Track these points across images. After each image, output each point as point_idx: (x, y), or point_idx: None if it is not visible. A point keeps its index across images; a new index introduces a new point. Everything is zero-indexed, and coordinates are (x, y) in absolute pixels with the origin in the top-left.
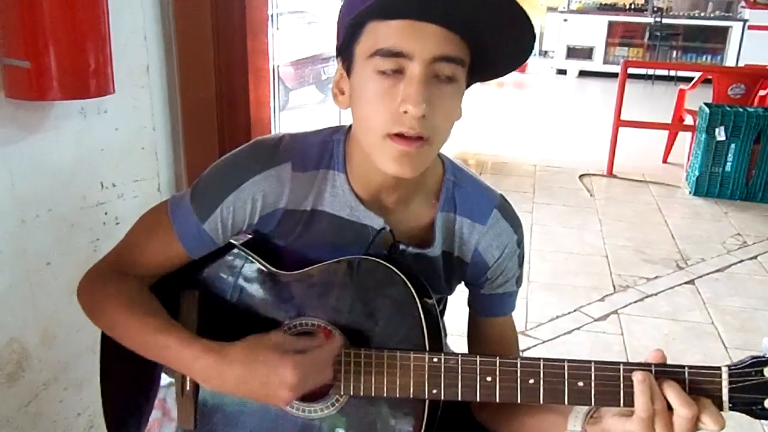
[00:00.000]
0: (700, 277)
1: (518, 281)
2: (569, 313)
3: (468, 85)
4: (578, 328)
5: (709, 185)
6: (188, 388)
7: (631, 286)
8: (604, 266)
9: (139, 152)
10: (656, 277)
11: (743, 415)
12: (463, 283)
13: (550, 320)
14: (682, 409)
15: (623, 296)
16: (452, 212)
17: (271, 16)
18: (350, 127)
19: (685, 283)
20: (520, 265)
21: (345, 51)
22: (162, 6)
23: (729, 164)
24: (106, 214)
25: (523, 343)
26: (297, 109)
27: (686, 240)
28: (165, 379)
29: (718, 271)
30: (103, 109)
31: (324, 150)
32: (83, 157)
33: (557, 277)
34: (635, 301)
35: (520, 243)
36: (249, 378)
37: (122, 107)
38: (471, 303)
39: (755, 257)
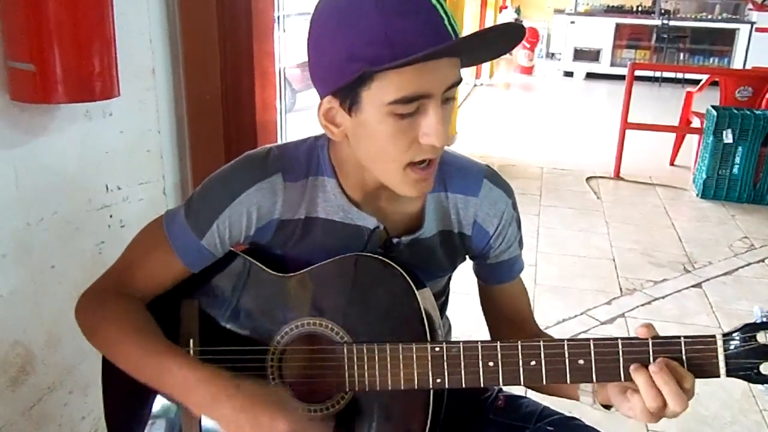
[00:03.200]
0: (708, 280)
1: (521, 243)
2: (576, 316)
3: None
4: (585, 332)
5: (716, 188)
6: None
7: (638, 289)
8: (610, 269)
9: (144, 155)
10: (663, 280)
11: (749, 417)
12: (467, 258)
13: (556, 323)
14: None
15: (630, 299)
16: (442, 191)
17: (278, 18)
18: None
19: (692, 286)
20: (519, 227)
21: (345, 91)
22: (168, 8)
23: (736, 167)
24: (111, 217)
25: None
26: (304, 111)
27: (693, 243)
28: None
29: (725, 274)
30: (109, 112)
31: (311, 158)
32: (88, 159)
33: (564, 280)
34: (642, 305)
35: (515, 206)
36: (240, 425)
37: (128, 110)
38: (479, 274)
39: (763, 260)
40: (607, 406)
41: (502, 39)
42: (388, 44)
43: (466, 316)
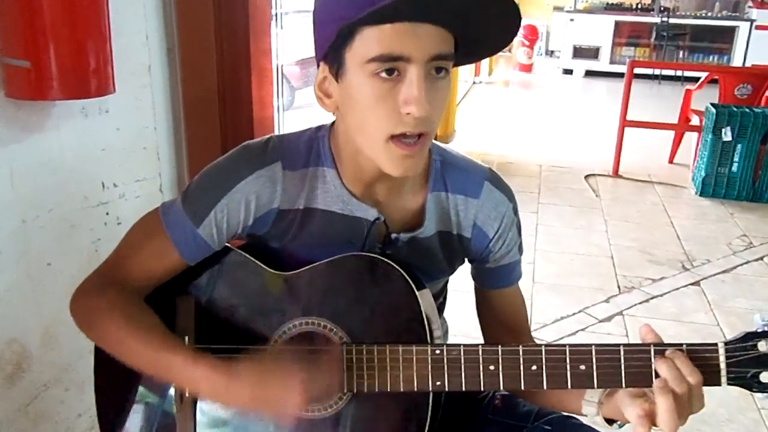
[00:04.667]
0: (706, 278)
1: (520, 249)
2: (574, 314)
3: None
4: (583, 329)
5: (715, 186)
6: (186, 396)
7: (636, 287)
8: (609, 267)
9: (140, 152)
10: (662, 279)
11: (746, 416)
12: (466, 261)
13: (554, 321)
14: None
15: (628, 297)
16: (443, 191)
17: (275, 15)
18: (332, 124)
19: (691, 284)
20: (519, 232)
21: (332, 55)
22: (164, 5)
23: (735, 165)
24: (107, 214)
25: None
26: (303, 109)
27: (692, 241)
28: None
29: (724, 272)
30: (105, 109)
31: (311, 148)
32: (84, 157)
33: (562, 278)
34: (640, 303)
35: (515, 210)
36: (259, 396)
37: (124, 107)
38: (478, 278)
39: (761, 258)
40: (610, 421)
41: (494, 16)
42: (369, 3)
43: (463, 316)
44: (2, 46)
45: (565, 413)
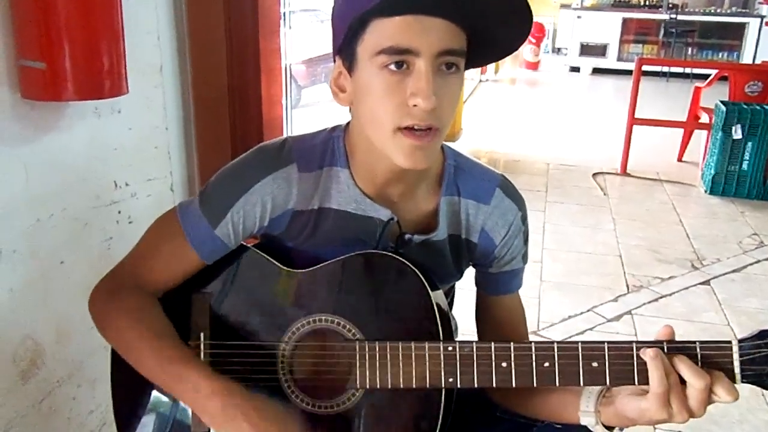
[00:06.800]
0: (716, 277)
1: (524, 258)
2: (582, 313)
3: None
4: (591, 329)
5: (725, 184)
6: None
7: (645, 287)
8: (617, 266)
9: (152, 151)
10: (671, 278)
11: (757, 416)
12: (471, 265)
13: (562, 320)
14: (695, 381)
15: (637, 296)
16: (456, 196)
17: (284, 14)
18: (347, 124)
19: (701, 283)
20: (526, 241)
21: (346, 49)
22: (175, 6)
23: (745, 163)
24: (119, 213)
25: None
26: (309, 107)
27: (701, 240)
28: None
29: (734, 271)
30: (117, 109)
31: (326, 148)
32: (97, 156)
33: (570, 277)
34: (649, 302)
35: (524, 219)
36: None
37: (136, 107)
38: (479, 283)
39: None
40: (610, 428)
41: (504, 11)
42: None
43: (472, 314)
44: (18, 47)
45: None
